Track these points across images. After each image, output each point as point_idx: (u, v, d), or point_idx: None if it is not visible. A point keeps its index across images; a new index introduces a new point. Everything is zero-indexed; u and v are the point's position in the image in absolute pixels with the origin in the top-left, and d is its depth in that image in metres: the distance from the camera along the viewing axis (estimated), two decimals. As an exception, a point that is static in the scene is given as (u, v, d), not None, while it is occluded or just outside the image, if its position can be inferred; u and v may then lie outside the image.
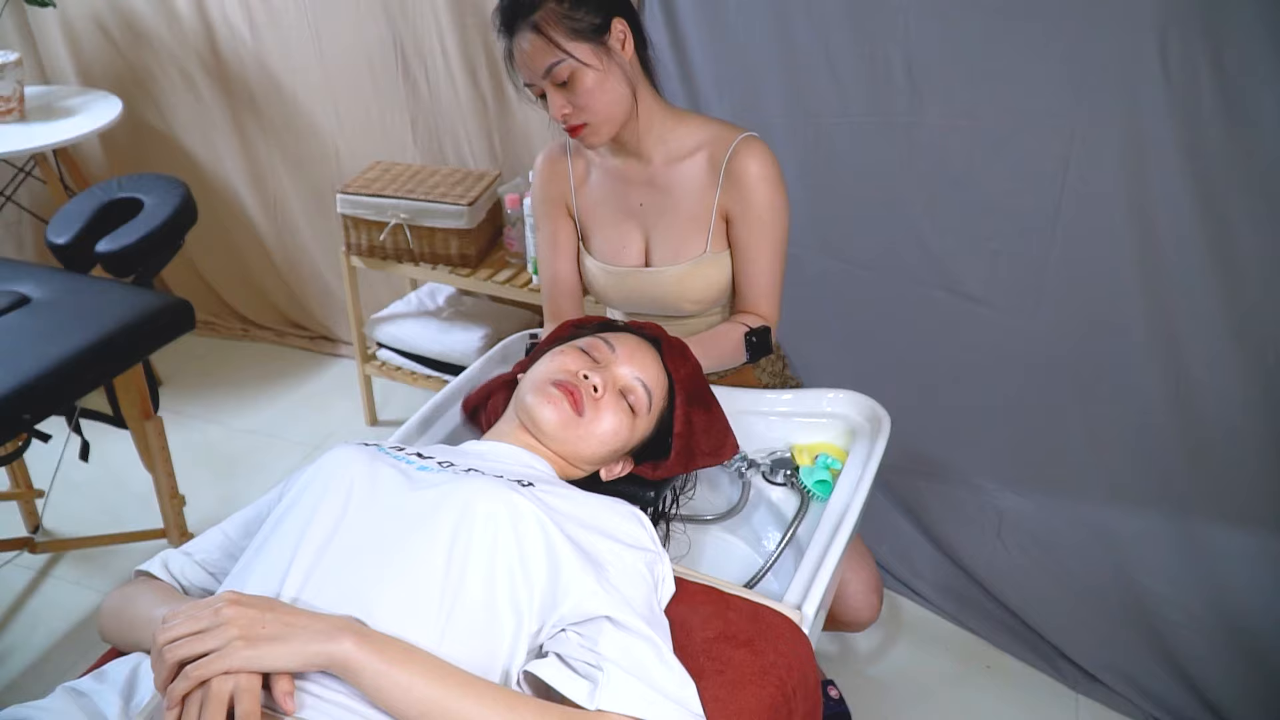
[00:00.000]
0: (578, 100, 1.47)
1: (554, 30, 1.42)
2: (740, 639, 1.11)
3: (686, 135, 1.60)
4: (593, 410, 1.22)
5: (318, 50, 2.77)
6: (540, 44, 1.43)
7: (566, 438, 1.21)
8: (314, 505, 1.01)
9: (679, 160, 1.60)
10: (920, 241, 2.05)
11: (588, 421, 1.21)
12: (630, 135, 1.58)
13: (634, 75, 1.53)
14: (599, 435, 1.22)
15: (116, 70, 3.07)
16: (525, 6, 1.44)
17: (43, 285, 2.02)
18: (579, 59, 1.44)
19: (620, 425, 1.23)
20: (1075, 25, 1.74)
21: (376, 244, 2.51)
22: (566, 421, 1.20)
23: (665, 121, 1.60)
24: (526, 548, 0.99)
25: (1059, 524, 2.08)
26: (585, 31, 1.44)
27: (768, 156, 1.56)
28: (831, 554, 1.33)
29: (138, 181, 2.34)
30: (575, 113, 1.48)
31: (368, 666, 0.85)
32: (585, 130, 1.51)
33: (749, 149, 1.55)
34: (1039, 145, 1.84)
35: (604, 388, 1.23)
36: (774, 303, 1.65)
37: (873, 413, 1.62)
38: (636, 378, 1.27)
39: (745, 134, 1.57)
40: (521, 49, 1.45)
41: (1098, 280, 1.86)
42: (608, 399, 1.23)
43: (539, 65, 1.45)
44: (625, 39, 1.49)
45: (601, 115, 1.50)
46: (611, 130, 1.53)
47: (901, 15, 1.91)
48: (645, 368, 1.29)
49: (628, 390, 1.26)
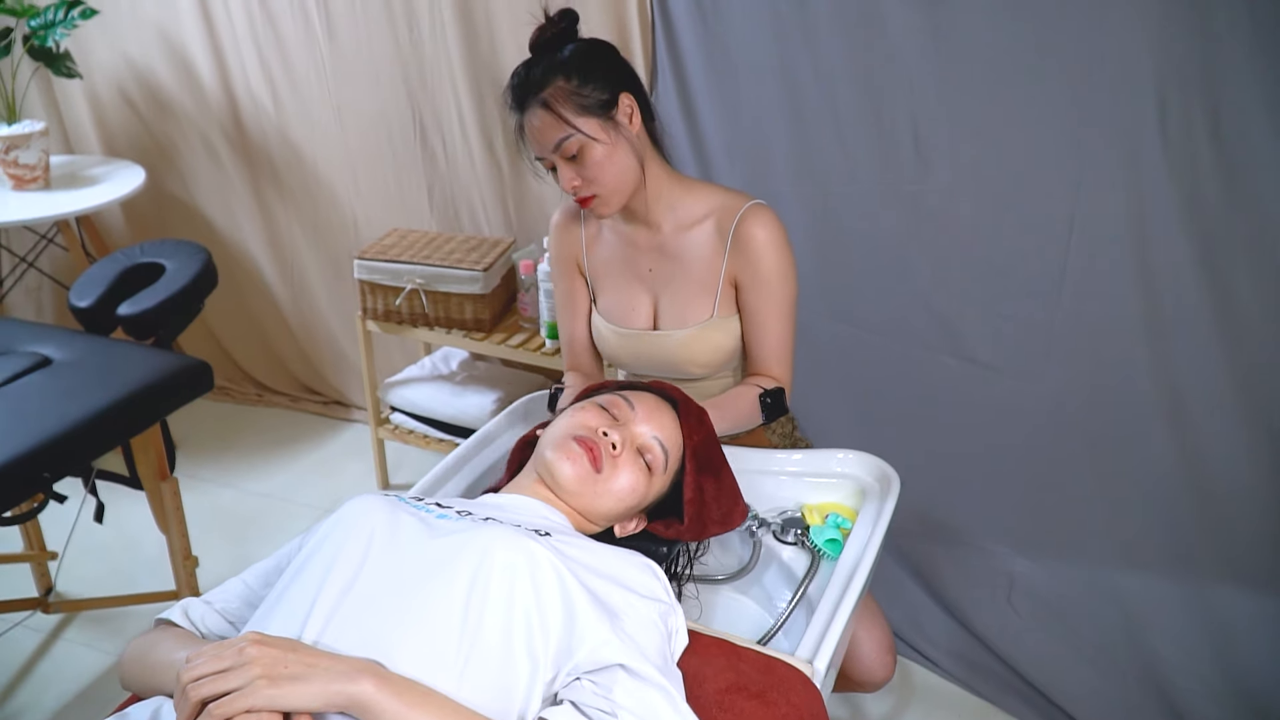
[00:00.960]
0: (587, 173, 1.52)
1: (563, 106, 1.48)
2: (752, 690, 1.11)
3: (695, 203, 1.64)
4: (611, 467, 1.23)
5: (338, 120, 2.84)
6: (550, 120, 1.48)
7: (584, 493, 1.23)
8: (335, 552, 1.03)
9: (687, 228, 1.64)
10: (928, 306, 2.08)
11: (605, 478, 1.23)
12: (639, 204, 1.63)
13: (641, 147, 1.57)
14: (616, 492, 1.24)
15: (140, 140, 3.15)
16: (535, 84, 1.50)
17: (64, 347, 2.06)
18: (587, 134, 1.49)
19: (637, 483, 1.25)
20: (1076, 89, 1.79)
21: (393, 309, 2.55)
22: (585, 477, 1.22)
23: (674, 190, 1.64)
24: (543, 595, 1.00)
25: (1069, 588, 2.07)
26: (593, 107, 1.49)
27: (774, 223, 1.60)
28: (843, 609, 1.33)
29: (160, 247, 2.40)
30: (585, 185, 1.53)
31: (387, 708, 0.86)
32: (595, 201, 1.56)
33: (756, 216, 1.59)
34: (1043, 208, 1.88)
35: (622, 445, 1.25)
36: (786, 364, 1.68)
37: (882, 473, 1.63)
38: (654, 437, 1.28)
39: (753, 201, 1.61)
40: (532, 125, 1.51)
41: (1104, 342, 1.89)
42: (626, 457, 1.25)
43: (549, 140, 1.50)
44: (633, 113, 1.54)
45: (610, 187, 1.54)
46: (621, 201, 1.58)
47: (907, 83, 1.96)
48: (663, 427, 1.30)
49: (645, 449, 1.28)
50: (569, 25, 1.53)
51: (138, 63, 3.03)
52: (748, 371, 1.72)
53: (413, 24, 2.62)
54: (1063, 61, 1.80)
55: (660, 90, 2.33)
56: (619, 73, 1.55)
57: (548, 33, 1.52)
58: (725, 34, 2.16)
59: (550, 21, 1.52)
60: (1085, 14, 1.76)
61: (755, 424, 1.66)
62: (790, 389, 1.69)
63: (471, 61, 2.57)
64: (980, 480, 2.15)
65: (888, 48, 1.97)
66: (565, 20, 1.52)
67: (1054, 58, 1.81)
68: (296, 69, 2.82)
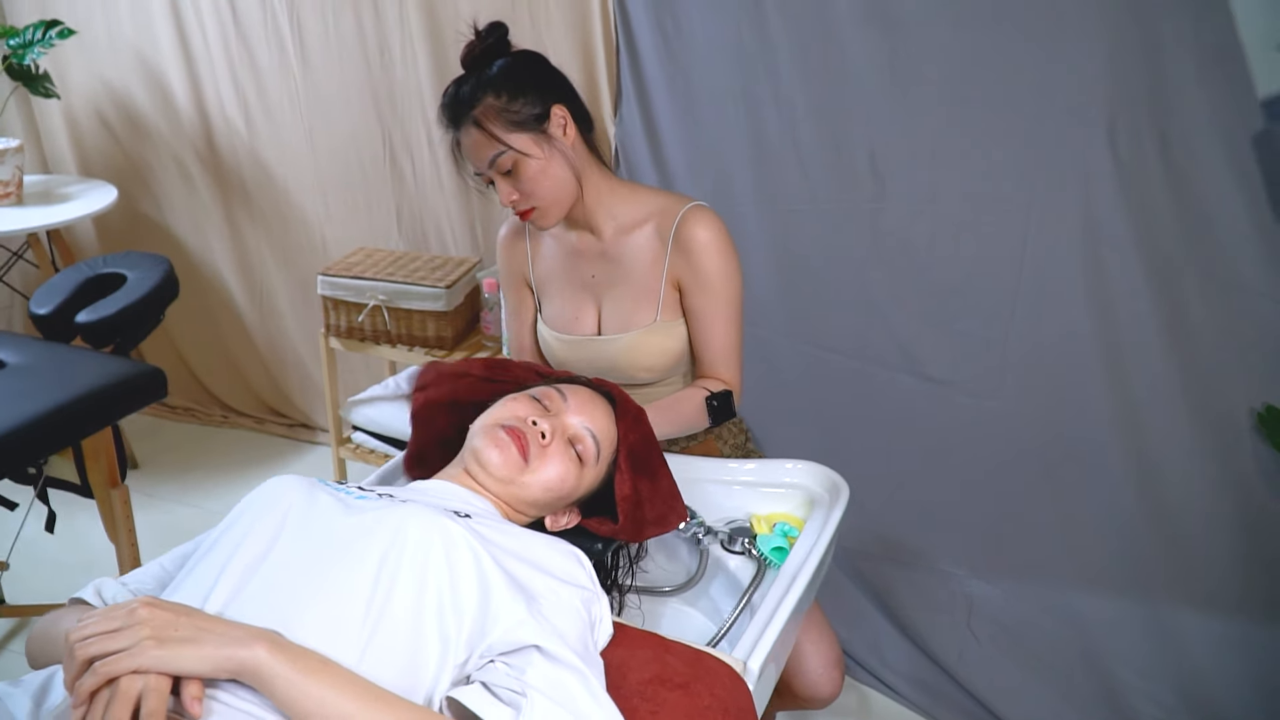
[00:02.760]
0: (522, 187, 1.52)
1: (493, 124, 1.48)
2: (676, 681, 1.09)
3: (634, 208, 1.64)
4: (539, 457, 1.22)
5: (310, 143, 2.86)
6: (481, 138, 1.49)
7: (511, 481, 1.21)
8: (248, 528, 1.01)
9: (628, 232, 1.64)
10: (886, 325, 2.08)
11: (533, 468, 1.21)
12: (579, 212, 1.63)
13: (578, 156, 1.57)
14: (543, 482, 1.22)
15: (115, 161, 3.16)
16: (465, 102, 1.50)
17: (19, 352, 2.04)
18: (518, 149, 1.49)
19: (566, 474, 1.23)
20: (1029, 111, 1.82)
21: (355, 325, 2.54)
22: (511, 465, 1.20)
23: (613, 196, 1.64)
24: (458, 574, 0.98)
25: (1028, 610, 2.05)
26: (524, 122, 1.50)
27: (715, 224, 1.59)
28: (781, 611, 1.31)
29: (123, 258, 2.40)
30: (522, 199, 1.54)
31: (280, 675, 0.84)
32: (534, 214, 1.56)
33: (696, 217, 1.59)
34: (997, 228, 1.90)
35: (552, 435, 1.24)
36: (734, 367, 1.66)
37: (832, 483, 1.62)
38: (586, 427, 1.27)
39: (693, 203, 1.61)
40: (466, 142, 1.52)
41: (1058, 359, 1.89)
42: (555, 446, 1.23)
43: (482, 157, 1.51)
44: (566, 124, 1.54)
45: (547, 199, 1.55)
46: (560, 212, 1.58)
47: (865, 108, 1.99)
48: (596, 419, 1.29)
49: (576, 439, 1.26)
50: (498, 40, 1.53)
51: (115, 85, 3.06)
52: (696, 375, 1.71)
53: (384, 49, 2.65)
54: (1015, 85, 1.83)
55: (624, 114, 2.35)
56: (550, 85, 1.55)
57: (477, 49, 1.53)
58: (688, 60, 2.19)
59: (479, 37, 1.53)
60: (1038, 39, 1.79)
61: (701, 427, 1.65)
62: (740, 392, 1.68)
63: (441, 85, 2.55)
64: (939, 501, 2.14)
65: (845, 73, 2.00)
66: (493, 34, 1.53)
67: (1007, 82, 1.84)
68: (270, 93, 2.85)
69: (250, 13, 2.76)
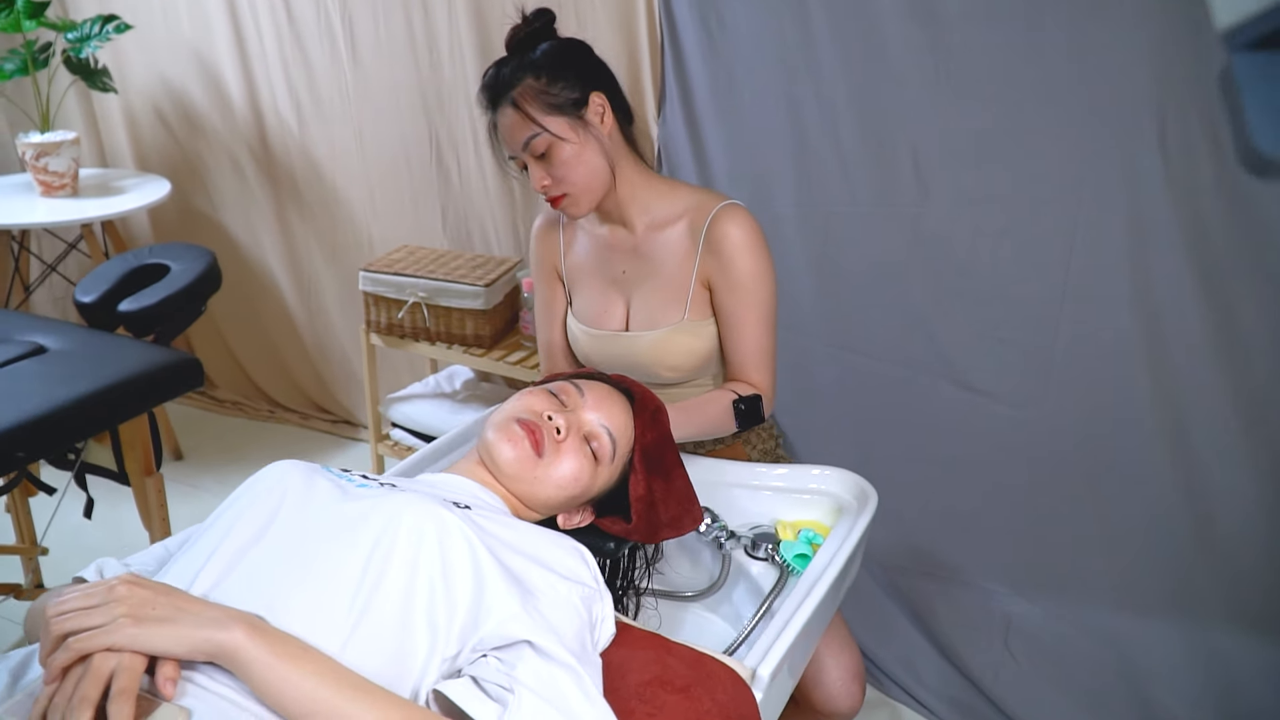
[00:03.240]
0: (555, 172, 1.51)
1: (530, 105, 1.48)
2: (676, 684, 1.06)
3: (669, 204, 1.62)
4: (553, 452, 1.19)
5: (359, 141, 2.88)
6: (518, 119, 1.48)
7: (523, 477, 1.18)
8: (242, 511, 1.01)
9: (660, 229, 1.62)
10: (927, 332, 2.03)
11: (546, 463, 1.18)
12: (613, 204, 1.61)
13: (614, 147, 1.56)
14: (556, 479, 1.19)
15: (171, 156, 3.22)
16: (505, 83, 1.50)
17: (62, 338, 2.07)
18: (554, 133, 1.48)
19: (580, 471, 1.20)
20: (1075, 110, 1.76)
21: (395, 322, 2.55)
22: (524, 460, 1.18)
23: (648, 190, 1.62)
24: (451, 565, 0.96)
25: (1067, 630, 1.98)
26: (562, 106, 1.49)
27: (749, 223, 1.56)
28: (797, 619, 1.28)
29: (167, 249, 2.43)
30: (554, 184, 1.52)
31: (257, 659, 0.82)
32: (565, 201, 1.55)
33: (729, 215, 1.56)
34: (1043, 231, 1.83)
35: (567, 430, 1.21)
36: (765, 371, 1.62)
37: (860, 490, 1.58)
38: (602, 424, 1.24)
39: (727, 201, 1.58)
40: (502, 123, 1.51)
41: (1103, 369, 1.83)
42: (570, 442, 1.21)
43: (517, 139, 1.50)
44: (604, 113, 1.53)
45: (579, 186, 1.53)
46: (591, 201, 1.56)
47: (908, 107, 1.94)
48: (613, 416, 1.26)
49: (592, 436, 1.23)
50: (544, 25, 1.54)
51: (172, 82, 3.11)
52: (726, 378, 1.67)
53: (433, 48, 2.66)
54: (1061, 82, 1.77)
55: (667, 114, 2.33)
56: (592, 72, 1.54)
57: (521, 32, 1.53)
58: (731, 58, 2.16)
59: (525, 21, 1.53)
60: (1084, 34, 1.73)
61: (727, 431, 1.61)
62: (771, 398, 1.64)
63: (488, 84, 2.60)
64: (979, 514, 2.08)
65: (889, 72, 1.96)
66: (540, 20, 1.53)
67: (1052, 79, 1.78)
68: (321, 90, 2.88)
69: (304, 11, 2.79)
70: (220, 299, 3.31)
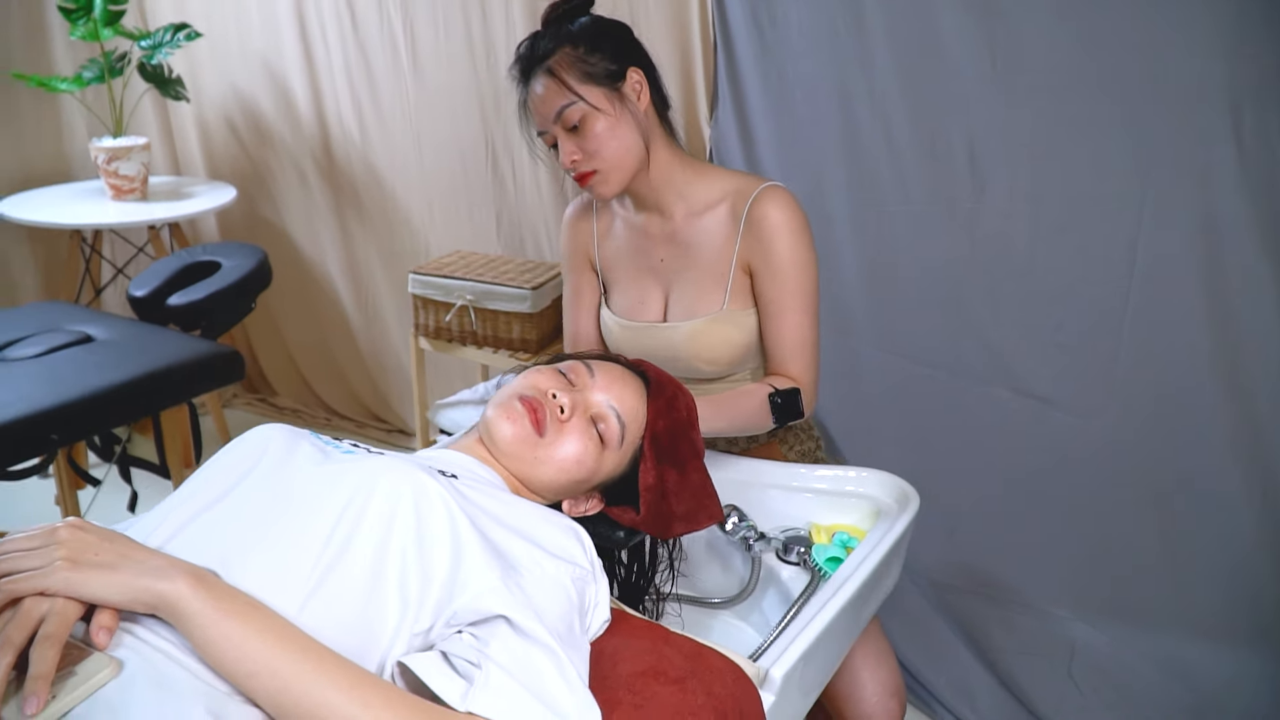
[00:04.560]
0: (587, 145, 1.45)
1: (567, 73, 1.43)
2: (671, 676, 0.98)
3: (707, 189, 1.56)
4: (555, 432, 1.12)
5: (418, 148, 2.89)
6: (553, 87, 1.44)
7: (523, 456, 1.12)
8: (218, 468, 0.97)
9: (700, 214, 1.55)
10: (982, 335, 1.92)
11: (548, 443, 1.11)
12: (645, 189, 1.55)
13: (649, 127, 1.51)
14: (558, 460, 1.12)
15: (240, 164, 3.28)
16: (541, 54, 1.46)
17: (110, 329, 2.10)
18: (590, 102, 1.43)
19: (585, 454, 1.13)
20: (1142, 102, 1.65)
21: (443, 325, 2.53)
22: (524, 439, 1.11)
23: (684, 174, 1.56)
24: (427, 532, 0.91)
25: (1137, 661, 1.84)
26: (599, 76, 1.44)
27: (791, 206, 1.49)
28: (819, 620, 1.20)
29: (221, 248, 2.46)
30: (584, 159, 1.46)
31: (199, 613, 0.78)
32: (594, 178, 1.48)
33: (770, 196, 1.49)
34: (1105, 229, 1.73)
35: (571, 410, 1.14)
36: (806, 364, 1.53)
37: (902, 493, 1.49)
38: (611, 406, 1.16)
39: (769, 183, 1.51)
40: (535, 93, 1.46)
41: (1171, 377, 1.70)
42: (575, 423, 1.13)
43: (550, 108, 1.45)
44: (641, 90, 1.48)
45: (611, 162, 1.47)
46: (621, 180, 1.50)
47: (962, 99, 1.86)
48: (623, 398, 1.18)
49: (599, 418, 1.16)
50: (583, 1, 1.50)
51: (243, 91, 3.17)
52: (766, 371, 1.59)
53: (490, 52, 2.65)
54: (1127, 73, 1.67)
55: (720, 116, 2.27)
56: (630, 48, 1.50)
57: (560, 8, 1.49)
58: (782, 55, 2.09)
59: None
60: (1150, 20, 1.63)
61: (763, 427, 1.52)
62: (813, 394, 1.55)
63: (544, 89, 2.58)
64: (1039, 532, 1.95)
65: (944, 65, 1.87)
66: None
67: (1118, 69, 1.68)
68: (383, 98, 2.90)
69: (369, 19, 2.82)
70: (283, 306, 3.36)
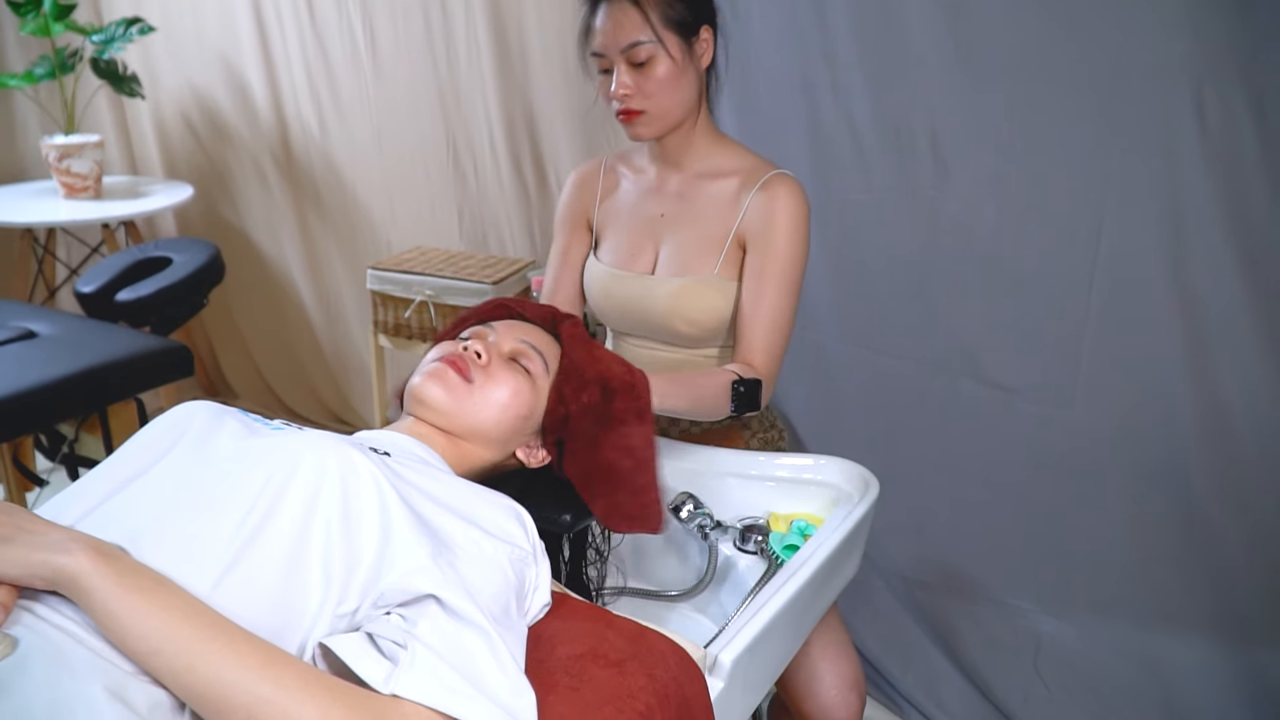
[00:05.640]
0: (646, 86, 1.45)
1: (653, 10, 1.42)
2: (611, 658, 0.94)
3: (726, 158, 1.57)
4: (482, 375, 1.12)
5: (378, 144, 2.85)
6: (635, 18, 1.42)
7: (461, 408, 1.10)
8: (137, 445, 0.93)
9: (711, 178, 1.56)
10: (946, 325, 1.89)
11: (479, 387, 1.11)
12: (673, 142, 1.55)
13: (700, 87, 1.52)
14: (496, 400, 1.12)
15: (197, 163, 3.22)
16: None
17: (54, 325, 2.05)
18: (665, 46, 1.43)
19: (518, 386, 1.13)
20: (1104, 84, 1.63)
21: (402, 321, 2.48)
22: (454, 389, 1.10)
23: (710, 140, 1.57)
24: (354, 510, 0.86)
25: (1103, 653, 1.81)
26: (678, 23, 1.44)
27: (798, 195, 1.51)
28: (771, 605, 1.16)
29: (173, 243, 2.40)
30: (639, 97, 1.46)
31: (100, 588, 0.73)
32: (640, 119, 1.48)
33: (782, 182, 1.51)
34: (1069, 216, 1.70)
35: (489, 354, 1.15)
36: (771, 355, 1.51)
37: (862, 480, 1.46)
38: (522, 340, 1.18)
39: (781, 170, 1.53)
40: (612, 17, 1.44)
41: (1138, 364, 1.67)
42: (496, 364, 1.14)
43: (624, 38, 1.43)
44: (708, 50, 1.50)
45: (661, 109, 1.47)
46: (663, 127, 1.50)
47: (925, 87, 1.83)
48: (530, 334, 1.20)
49: (517, 353, 1.17)
50: None
51: (200, 88, 3.12)
52: (734, 357, 1.57)
53: (450, 49, 2.62)
54: (1089, 55, 1.64)
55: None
56: (707, 6, 1.51)
57: None
58: (744, 44, 2.06)
59: None
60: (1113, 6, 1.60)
61: (719, 414, 1.47)
62: (773, 383, 1.52)
63: (504, 87, 2.56)
64: (1003, 523, 1.92)
65: (907, 51, 1.85)
66: None
67: (1080, 51, 1.65)
68: (342, 93, 2.85)
69: (327, 14, 2.78)
70: (243, 306, 3.30)
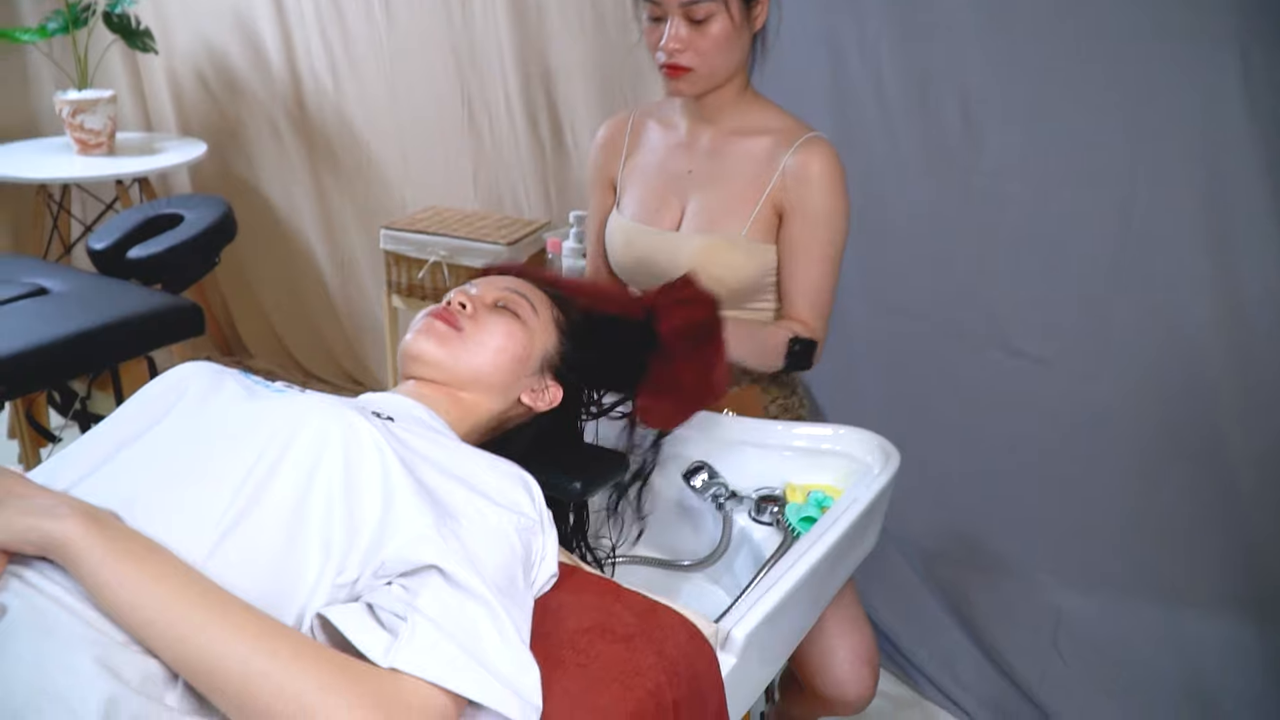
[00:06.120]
0: (700, 44, 1.42)
1: None
2: (618, 634, 0.91)
3: (760, 117, 1.54)
4: (471, 324, 1.11)
5: (392, 100, 2.80)
6: None
7: (455, 357, 1.09)
8: (134, 408, 0.90)
9: (744, 136, 1.53)
10: (973, 293, 1.85)
11: (470, 335, 1.10)
12: (713, 101, 1.53)
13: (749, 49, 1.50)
14: (490, 344, 1.10)
15: (212, 120, 3.19)
16: None
17: (66, 282, 2.03)
18: (729, 7, 1.40)
19: (510, 328, 1.12)
20: (1144, 41, 1.56)
21: (416, 282, 2.45)
22: (446, 339, 1.09)
23: (745, 99, 1.55)
24: (355, 476, 0.83)
25: (1125, 630, 1.78)
26: None
27: (833, 159, 1.48)
28: (786, 580, 1.12)
29: (185, 200, 2.38)
30: (690, 53, 1.42)
31: (90, 555, 0.70)
32: (686, 76, 1.45)
33: (816, 146, 1.48)
34: (1102, 180, 1.64)
35: (473, 304, 1.13)
36: (819, 314, 1.52)
37: (882, 451, 1.42)
38: (504, 288, 1.17)
39: (817, 133, 1.50)
40: None
41: (1171, 336, 1.62)
42: (483, 312, 1.13)
43: None
44: (764, 13, 1.47)
45: (710, 68, 1.44)
46: (708, 85, 1.48)
47: (957, 56, 1.78)
48: (510, 283, 1.19)
49: (501, 300, 1.15)
50: None
51: (214, 43, 3.07)
52: (781, 315, 1.56)
53: (465, 5, 2.57)
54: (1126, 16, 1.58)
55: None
56: None
57: None
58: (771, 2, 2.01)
59: None
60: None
61: (772, 367, 1.51)
62: (822, 345, 1.53)
63: (520, 44, 2.51)
64: (1028, 497, 1.88)
65: (936, 18, 1.80)
66: None
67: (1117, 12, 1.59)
68: (356, 48, 2.80)
69: (340, -34, 2.73)
70: (257, 265, 3.27)
